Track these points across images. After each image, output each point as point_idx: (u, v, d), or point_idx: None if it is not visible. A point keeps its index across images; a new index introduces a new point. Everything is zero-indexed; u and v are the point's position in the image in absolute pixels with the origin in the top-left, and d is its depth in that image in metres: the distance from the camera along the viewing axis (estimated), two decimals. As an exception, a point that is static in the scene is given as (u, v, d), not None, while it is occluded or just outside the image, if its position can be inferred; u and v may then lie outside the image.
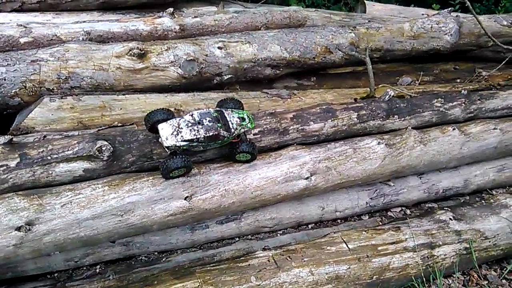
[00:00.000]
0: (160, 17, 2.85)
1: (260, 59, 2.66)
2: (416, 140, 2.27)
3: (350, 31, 2.94)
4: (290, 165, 1.96)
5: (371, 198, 2.32)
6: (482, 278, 2.14)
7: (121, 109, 2.14)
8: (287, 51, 2.74)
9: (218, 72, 2.57)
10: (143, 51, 2.29)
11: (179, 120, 1.72)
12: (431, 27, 3.16)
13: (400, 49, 3.13)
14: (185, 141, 1.68)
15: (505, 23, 3.48)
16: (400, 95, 2.66)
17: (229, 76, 2.61)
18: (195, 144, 1.71)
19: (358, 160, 2.11)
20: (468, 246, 2.07)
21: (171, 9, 2.84)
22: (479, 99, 2.58)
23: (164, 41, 2.50)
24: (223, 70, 2.57)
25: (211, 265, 1.80)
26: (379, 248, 1.93)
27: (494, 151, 2.52)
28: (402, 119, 2.35)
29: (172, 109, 2.28)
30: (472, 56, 3.74)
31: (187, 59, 2.42)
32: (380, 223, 2.32)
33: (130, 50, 2.28)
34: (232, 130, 1.77)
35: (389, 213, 2.43)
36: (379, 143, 2.18)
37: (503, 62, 3.28)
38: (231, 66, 2.58)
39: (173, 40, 2.59)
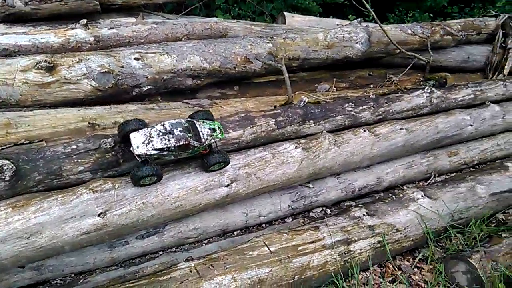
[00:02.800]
0: (72, 28, 2.75)
1: (180, 70, 2.66)
2: (330, 143, 2.40)
3: (268, 41, 3.04)
4: (211, 174, 1.97)
5: (292, 201, 2.40)
6: (396, 269, 2.29)
7: (28, 125, 2.02)
8: (207, 62, 2.76)
9: (136, 84, 2.53)
10: (51, 64, 2.19)
11: (151, 129, 1.76)
12: (343, 37, 3.37)
13: (316, 58, 3.29)
14: (155, 150, 1.71)
15: (409, 31, 3.79)
16: (317, 101, 2.80)
17: (149, 87, 2.57)
18: (165, 153, 1.74)
19: (277, 164, 2.18)
20: (381, 239, 2.22)
21: (85, 20, 2.75)
22: (386, 102, 2.79)
23: (75, 53, 2.41)
24: (141, 81, 2.53)
25: (131, 282, 1.75)
26: (299, 248, 2.00)
27: (402, 149, 2.73)
28: (317, 123, 2.47)
29: (86, 124, 2.21)
30: (384, 63, 4.03)
31: (101, 71, 2.35)
32: (302, 224, 2.41)
33: (37, 63, 2.17)
34: (203, 140, 1.82)
35: (311, 214, 2.53)
36: (296, 147, 2.27)
37: (408, 68, 3.57)
38: (149, 77, 2.55)
39: (86, 52, 2.50)
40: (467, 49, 4.35)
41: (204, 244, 2.17)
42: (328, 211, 2.57)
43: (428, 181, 2.95)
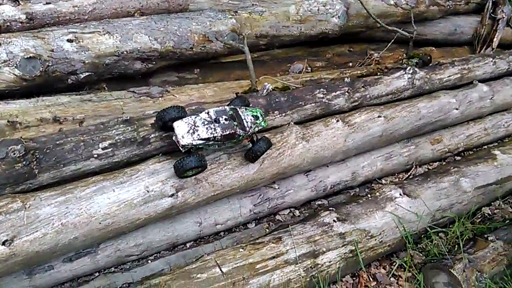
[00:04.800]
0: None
1: (125, 52, 2.29)
2: (298, 137, 2.09)
3: (231, 16, 2.67)
4: (150, 182, 1.65)
5: (254, 205, 2.11)
6: (371, 279, 2.05)
7: None
8: (158, 42, 2.39)
9: (72, 70, 2.16)
10: (-43, 50, 1.81)
11: (195, 118, 1.69)
12: (318, 10, 3.00)
13: (288, 35, 2.94)
14: (201, 139, 1.65)
15: (392, 2, 3.42)
16: (285, 87, 2.47)
17: (87, 74, 2.21)
18: (211, 142, 1.69)
19: (233, 166, 1.87)
20: (353, 248, 1.96)
21: (14, -6, 2.33)
22: (363, 86, 2.48)
23: (-5, 36, 2.02)
24: (77, 67, 2.16)
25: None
26: (258, 266, 1.73)
27: (380, 140, 2.44)
28: (283, 114, 2.16)
29: (5, 122, 1.86)
30: (365, 38, 3.67)
31: (26, 56, 1.98)
32: (266, 229, 2.13)
33: None
34: (247, 128, 1.76)
35: (277, 217, 2.24)
36: (257, 145, 1.96)
37: (389, 44, 3.24)
38: (87, 62, 2.18)
39: (8, 34, 2.11)
40: (454, 20, 4.03)
41: (150, 261, 1.87)
42: (297, 212, 2.30)
43: (409, 173, 2.69)
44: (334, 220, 1.98)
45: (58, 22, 2.43)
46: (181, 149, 1.67)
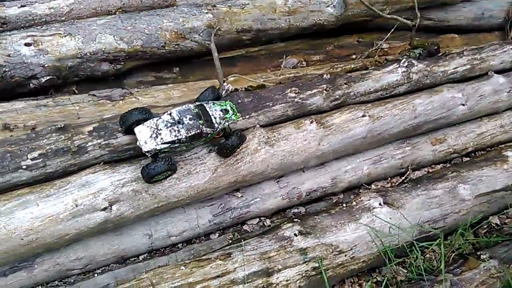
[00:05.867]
0: (-32, 9, 2.33)
1: (89, 54, 2.21)
2: (260, 142, 1.91)
3: (207, 11, 2.51)
4: (79, 195, 1.55)
5: (214, 215, 1.95)
6: (340, 298, 1.84)
7: None
8: (124, 41, 2.29)
9: (32, 75, 2.11)
10: None
11: (157, 120, 1.60)
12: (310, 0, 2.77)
13: (275, 28, 2.74)
14: (166, 143, 1.57)
15: (400, -15, 3.11)
16: (260, 85, 2.28)
17: (49, 77, 2.15)
18: (177, 145, 1.61)
19: (179, 176, 1.73)
20: (317, 265, 1.75)
21: (-17, -2, 2.32)
22: (346, 83, 2.23)
23: None
24: (36, 71, 2.11)
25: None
26: (198, 286, 1.58)
27: (364, 141, 2.19)
28: (247, 116, 1.98)
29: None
30: (376, 27, 3.38)
31: (-19, 62, 1.94)
32: (230, 241, 1.98)
33: None
34: (216, 125, 1.67)
35: (244, 227, 2.08)
36: (210, 151, 1.81)
37: (390, 32, 2.93)
38: (47, 65, 2.12)
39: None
40: (481, 3, 3.60)
41: (96, 275, 1.78)
42: (268, 221, 2.11)
43: (404, 177, 2.41)
44: (295, 234, 1.78)
45: (34, 25, 2.40)
46: (146, 155, 1.60)
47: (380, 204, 1.95)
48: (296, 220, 1.87)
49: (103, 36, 2.24)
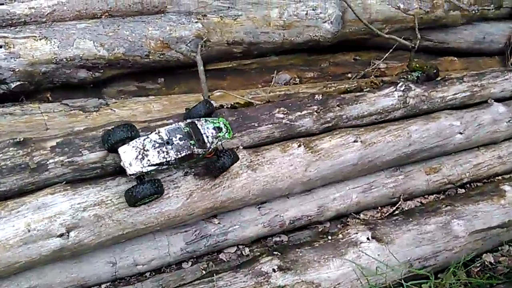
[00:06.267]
0: None
1: (65, 60, 2.07)
2: (242, 165, 1.76)
3: (197, 20, 2.38)
4: (33, 219, 1.39)
5: (187, 243, 1.79)
6: None
7: None
8: (105, 48, 2.16)
9: (0, 79, 1.96)
10: None
11: (144, 140, 1.49)
12: (306, 14, 2.65)
13: (268, 42, 2.62)
14: (152, 165, 1.47)
15: (402, 6, 3.00)
16: (247, 103, 2.14)
17: (19, 83, 2.00)
18: (165, 167, 1.52)
19: (150, 200, 1.57)
20: (296, 305, 1.60)
21: (-45, -6, 2.17)
22: (338, 105, 2.10)
23: None
24: (6, 76, 1.96)
25: None
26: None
27: (354, 169, 2.05)
28: (230, 137, 1.83)
29: None
30: (375, 45, 3.27)
31: None
32: (204, 271, 1.82)
33: None
34: (208, 144, 1.57)
35: (220, 256, 1.92)
36: (186, 174, 1.66)
37: (388, 52, 2.82)
38: (18, 70, 1.98)
39: None
40: (482, 26, 3.53)
41: (52, 303, 1.61)
42: (247, 250, 1.96)
43: (395, 207, 2.27)
44: (273, 269, 1.63)
45: (11, 26, 2.25)
46: (131, 177, 1.50)
47: (368, 238, 1.81)
48: (276, 253, 1.72)
49: (82, 41, 2.10)
